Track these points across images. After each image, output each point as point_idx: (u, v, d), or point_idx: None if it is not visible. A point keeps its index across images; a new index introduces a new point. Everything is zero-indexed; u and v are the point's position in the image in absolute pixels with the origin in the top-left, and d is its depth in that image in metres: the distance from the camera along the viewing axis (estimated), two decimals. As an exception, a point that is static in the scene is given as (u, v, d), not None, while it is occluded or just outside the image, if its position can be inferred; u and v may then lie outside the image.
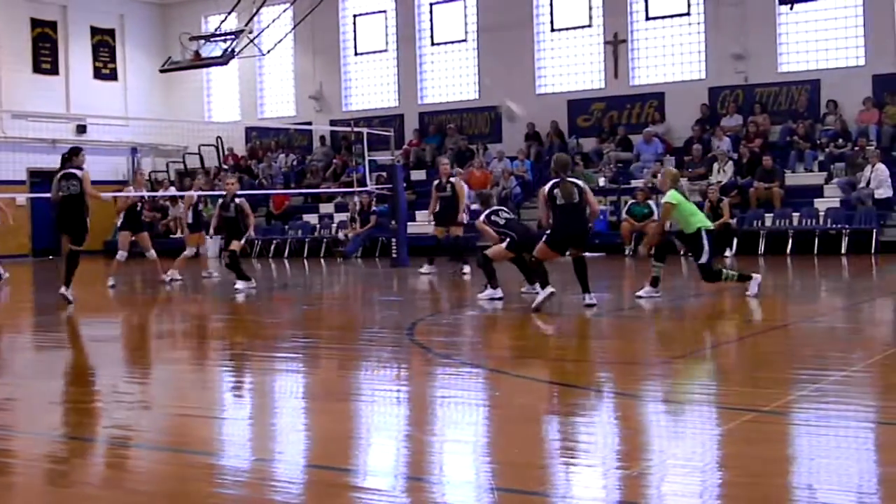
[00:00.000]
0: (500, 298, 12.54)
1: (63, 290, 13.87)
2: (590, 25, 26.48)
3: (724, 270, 12.44)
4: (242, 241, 16.29)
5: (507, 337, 10.53)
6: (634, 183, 23.06)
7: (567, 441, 5.72)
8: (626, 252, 21.46)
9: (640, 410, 6.50)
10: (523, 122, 26.69)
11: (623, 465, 5.11)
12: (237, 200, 16.05)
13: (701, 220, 12.24)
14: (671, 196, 12.16)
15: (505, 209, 14.17)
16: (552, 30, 27.04)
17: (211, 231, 18.09)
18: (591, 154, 25.32)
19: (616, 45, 25.96)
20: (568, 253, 11.63)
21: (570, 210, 11.33)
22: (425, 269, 17.79)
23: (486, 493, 4.64)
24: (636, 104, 25.83)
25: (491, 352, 9.38)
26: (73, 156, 14.07)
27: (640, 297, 12.30)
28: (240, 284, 15.42)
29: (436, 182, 18.41)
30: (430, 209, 18.24)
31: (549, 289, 11.15)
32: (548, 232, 11.48)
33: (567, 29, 26.83)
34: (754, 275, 12.35)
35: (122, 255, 16.96)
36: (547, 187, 11.47)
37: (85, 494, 4.85)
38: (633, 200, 21.81)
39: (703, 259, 12.05)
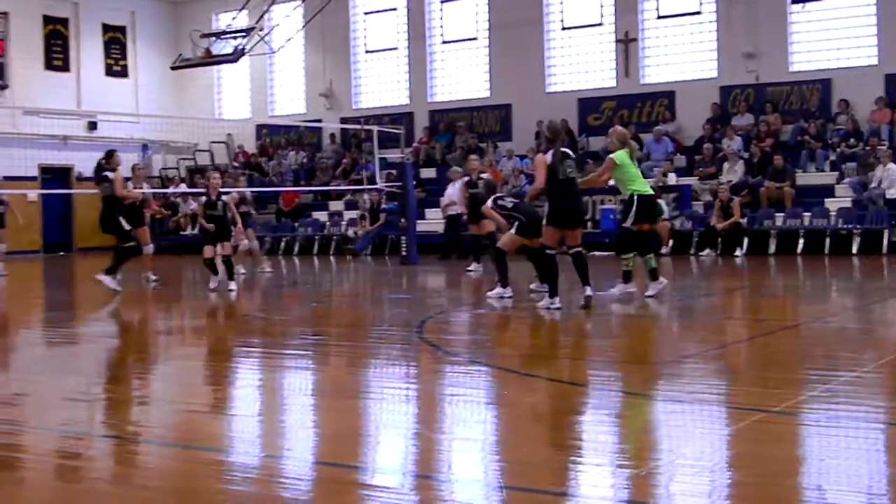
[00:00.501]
0: (509, 297, 12.52)
1: (101, 275, 14.62)
2: (601, 24, 26.44)
3: (647, 258, 12.17)
4: (232, 242, 15.94)
5: (516, 335, 10.52)
6: (645, 182, 23.01)
7: (576, 440, 5.71)
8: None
9: (649, 410, 6.48)
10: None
11: (632, 464, 5.10)
12: (224, 198, 15.62)
13: (638, 187, 12.00)
14: (617, 155, 11.94)
15: (511, 196, 14.12)
16: (563, 28, 27.01)
17: (195, 230, 17.87)
18: (601, 153, 25.25)
19: (627, 44, 25.92)
20: (565, 248, 11.47)
21: (568, 185, 11.12)
22: (473, 267, 17.41)
23: (495, 492, 4.64)
24: (647, 103, 25.78)
25: (500, 350, 9.37)
26: (108, 158, 15.43)
27: (613, 292, 12.07)
28: (232, 285, 15.08)
29: (466, 179, 18.29)
30: (463, 207, 18.12)
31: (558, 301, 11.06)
32: (546, 213, 11.28)
33: (578, 27, 26.79)
34: (663, 278, 12.21)
35: (149, 248, 16.92)
36: (549, 157, 11.07)
37: (94, 490, 4.85)
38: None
39: (627, 223, 11.95)
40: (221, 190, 15.68)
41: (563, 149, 11.17)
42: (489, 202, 13.34)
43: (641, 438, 5.70)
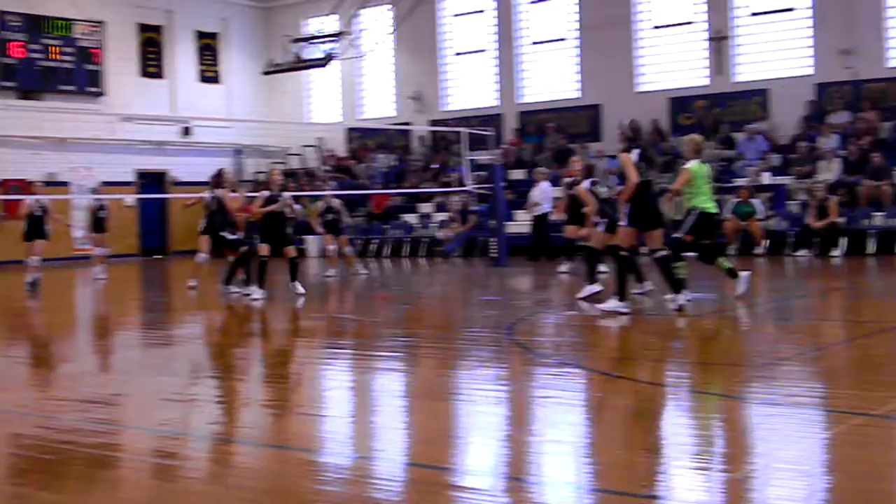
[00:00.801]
0: (598, 292, 12.47)
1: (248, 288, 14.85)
2: (692, 22, 26.12)
3: (718, 261, 12.00)
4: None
5: (608, 337, 10.43)
6: (738, 181, 22.65)
7: (670, 443, 5.64)
8: (730, 251, 21.10)
9: (745, 412, 6.37)
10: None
11: (726, 467, 5.01)
12: (284, 195, 15.06)
13: (702, 203, 11.71)
14: (692, 167, 11.65)
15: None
16: (653, 27, 26.75)
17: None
18: (692, 153, 24.98)
19: (719, 42, 25.56)
20: (648, 250, 11.29)
21: (648, 186, 11.01)
22: (565, 268, 17.27)
23: (587, 495, 4.60)
24: (739, 101, 25.37)
25: (592, 352, 9.30)
26: (218, 178, 16.02)
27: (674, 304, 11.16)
28: (298, 286, 14.96)
29: (567, 180, 18.14)
30: (563, 209, 18.02)
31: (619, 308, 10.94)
32: (626, 213, 11.08)
33: (668, 26, 26.50)
34: (742, 272, 11.96)
35: (203, 257, 17.16)
36: (635, 155, 10.96)
37: (190, 489, 4.92)
38: (738, 199, 21.43)
39: (679, 234, 11.71)
40: (298, 194, 15.57)
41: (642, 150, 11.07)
42: (586, 183, 13.25)
43: (736, 442, 5.60)
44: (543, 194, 21.54)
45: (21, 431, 6.39)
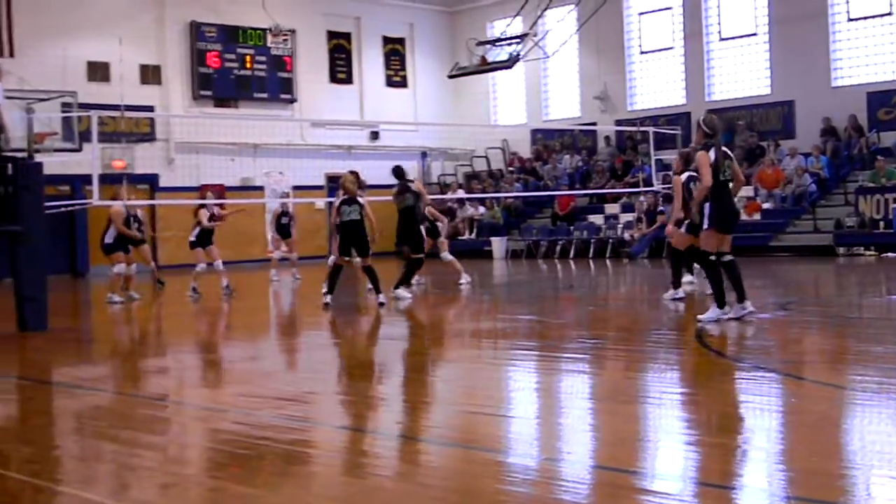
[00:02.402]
0: (680, 298, 12.54)
1: (396, 291, 14.90)
2: (890, 13, 25.04)
3: None
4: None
5: (801, 340, 10.09)
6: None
7: (869, 450, 5.40)
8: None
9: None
10: None
11: (932, 478, 4.77)
12: (360, 201, 14.25)
13: None
14: None
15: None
16: (849, 19, 25.77)
17: (471, 234, 17.35)
18: (893, 148, 23.96)
19: (921, 33, 24.44)
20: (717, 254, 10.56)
21: (726, 186, 10.42)
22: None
23: (781, 502, 4.45)
24: (943, 93, 24.22)
25: (785, 355, 9.02)
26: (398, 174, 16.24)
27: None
28: (382, 297, 14.29)
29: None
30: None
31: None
32: (707, 215, 10.46)
33: (865, 18, 25.48)
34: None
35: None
36: (712, 155, 10.34)
37: (379, 486, 5.00)
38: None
39: None
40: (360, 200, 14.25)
41: (722, 147, 10.49)
42: (684, 176, 12.78)
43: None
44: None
45: (219, 427, 6.63)
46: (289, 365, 10.01)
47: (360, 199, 14.13)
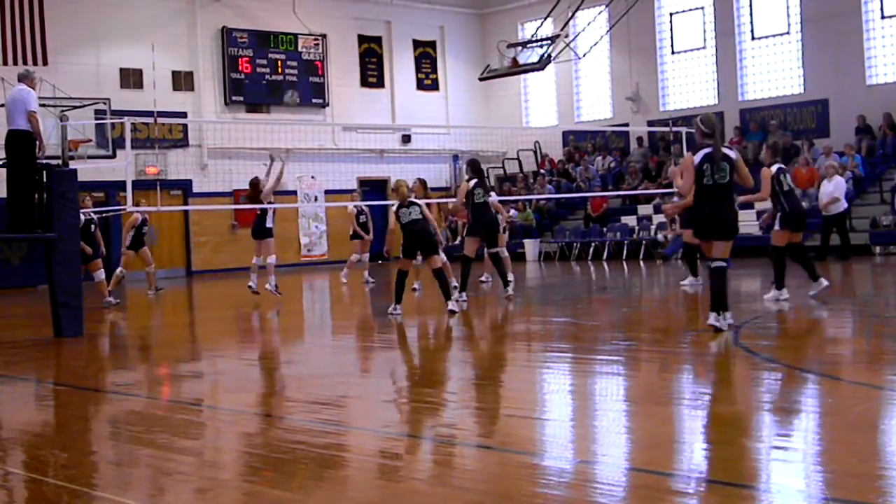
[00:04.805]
0: (785, 299, 12.28)
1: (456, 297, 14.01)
2: (925, 9, 24.83)
3: None
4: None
5: (837, 340, 10.00)
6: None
7: (909, 452, 5.34)
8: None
9: None
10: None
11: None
12: (418, 201, 13.91)
13: None
14: None
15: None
16: (882, 17, 25.54)
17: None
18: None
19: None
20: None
21: (716, 191, 9.86)
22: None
23: (816, 503, 4.41)
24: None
25: (821, 355, 8.94)
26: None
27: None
28: (452, 304, 13.44)
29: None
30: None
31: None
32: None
33: (900, 14, 25.27)
34: None
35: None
36: (698, 158, 9.89)
37: (414, 489, 4.99)
38: None
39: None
40: (412, 200, 13.76)
41: (724, 150, 9.99)
42: (773, 167, 12.67)
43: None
44: (839, 189, 20.15)
45: (254, 431, 6.64)
46: (325, 369, 10.01)
47: (416, 201, 13.82)
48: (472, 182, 14.98)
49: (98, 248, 17.56)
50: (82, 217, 16.46)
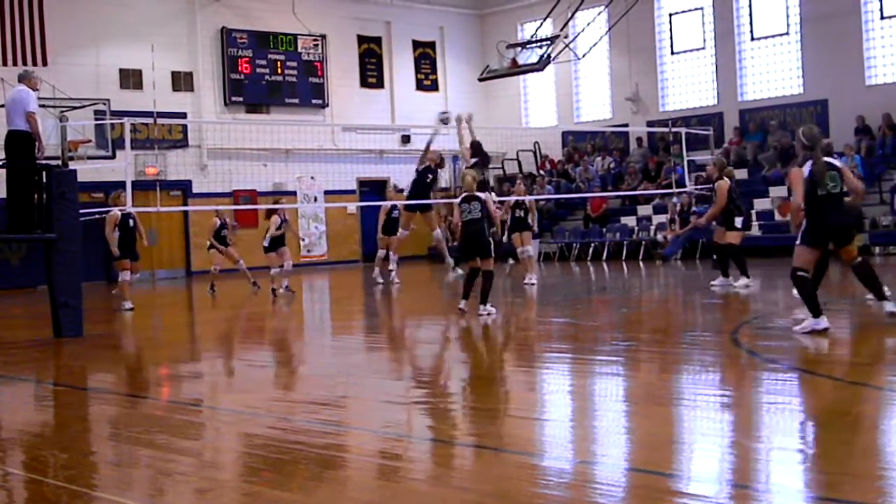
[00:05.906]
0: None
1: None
2: (925, 10, 24.83)
3: None
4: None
5: (836, 340, 10.00)
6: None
7: (908, 452, 5.35)
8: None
9: None
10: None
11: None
12: (481, 196, 13.24)
13: None
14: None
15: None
16: (882, 17, 25.55)
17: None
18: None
19: (955, 29, 24.20)
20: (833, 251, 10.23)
21: (830, 201, 9.74)
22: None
23: (816, 503, 4.41)
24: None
25: (820, 356, 8.94)
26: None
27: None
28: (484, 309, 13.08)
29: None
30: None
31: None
32: (802, 230, 10.06)
33: (899, 15, 25.27)
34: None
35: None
36: (806, 170, 9.79)
37: (414, 490, 4.99)
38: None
39: None
40: (476, 194, 13.20)
41: (826, 160, 9.92)
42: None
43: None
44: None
45: (254, 432, 6.64)
46: (326, 369, 10.02)
47: (480, 195, 13.11)
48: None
49: (134, 245, 16.89)
50: (118, 213, 16.38)
